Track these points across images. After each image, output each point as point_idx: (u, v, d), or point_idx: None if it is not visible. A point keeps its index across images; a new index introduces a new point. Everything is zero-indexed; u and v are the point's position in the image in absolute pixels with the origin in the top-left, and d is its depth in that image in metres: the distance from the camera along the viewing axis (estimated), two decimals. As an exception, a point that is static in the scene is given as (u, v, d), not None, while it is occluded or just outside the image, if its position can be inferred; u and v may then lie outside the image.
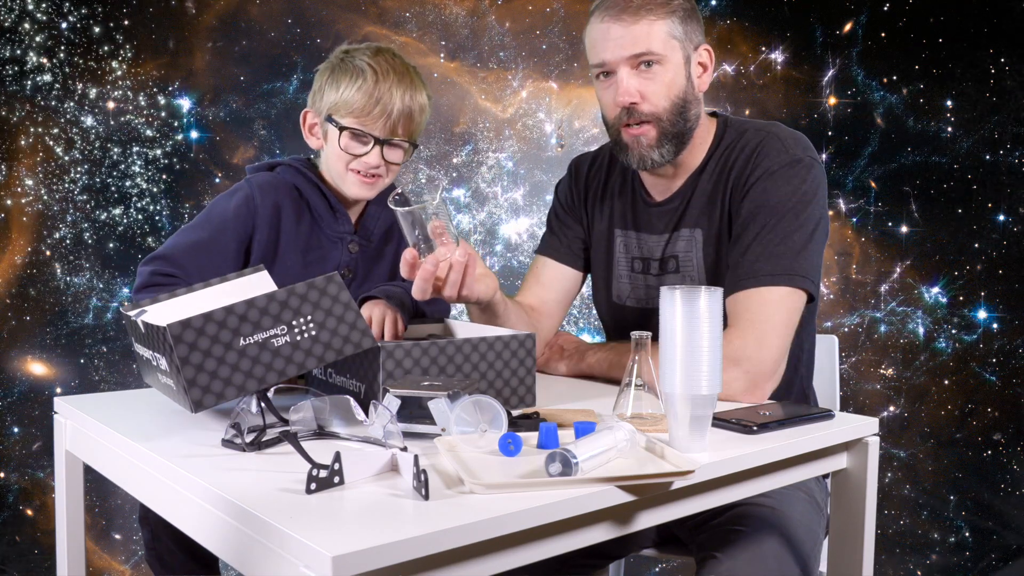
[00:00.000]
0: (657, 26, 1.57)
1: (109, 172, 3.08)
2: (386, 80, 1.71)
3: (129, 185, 3.09)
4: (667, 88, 1.60)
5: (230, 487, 0.99)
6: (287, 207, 1.79)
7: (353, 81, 1.71)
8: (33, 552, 3.05)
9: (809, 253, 1.53)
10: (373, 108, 1.71)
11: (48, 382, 3.06)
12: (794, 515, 1.48)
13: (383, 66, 1.72)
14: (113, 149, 3.07)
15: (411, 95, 1.74)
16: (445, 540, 0.86)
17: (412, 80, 1.75)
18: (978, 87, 3.17)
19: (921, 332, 3.25)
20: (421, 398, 1.18)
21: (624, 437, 1.10)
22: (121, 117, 3.06)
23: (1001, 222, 3.18)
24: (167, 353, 1.20)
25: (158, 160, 3.10)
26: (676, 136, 1.62)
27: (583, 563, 1.74)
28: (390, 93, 1.71)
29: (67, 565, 1.45)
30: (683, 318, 1.11)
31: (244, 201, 1.76)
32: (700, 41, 1.64)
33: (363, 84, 1.70)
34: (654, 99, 1.60)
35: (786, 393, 1.66)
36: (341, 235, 1.84)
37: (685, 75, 1.61)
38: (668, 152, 1.63)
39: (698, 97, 1.65)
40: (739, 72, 3.26)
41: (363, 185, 1.77)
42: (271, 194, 1.78)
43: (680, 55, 1.60)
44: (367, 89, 1.70)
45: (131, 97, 3.06)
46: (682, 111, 1.61)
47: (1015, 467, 3.20)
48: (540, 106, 3.31)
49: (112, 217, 3.08)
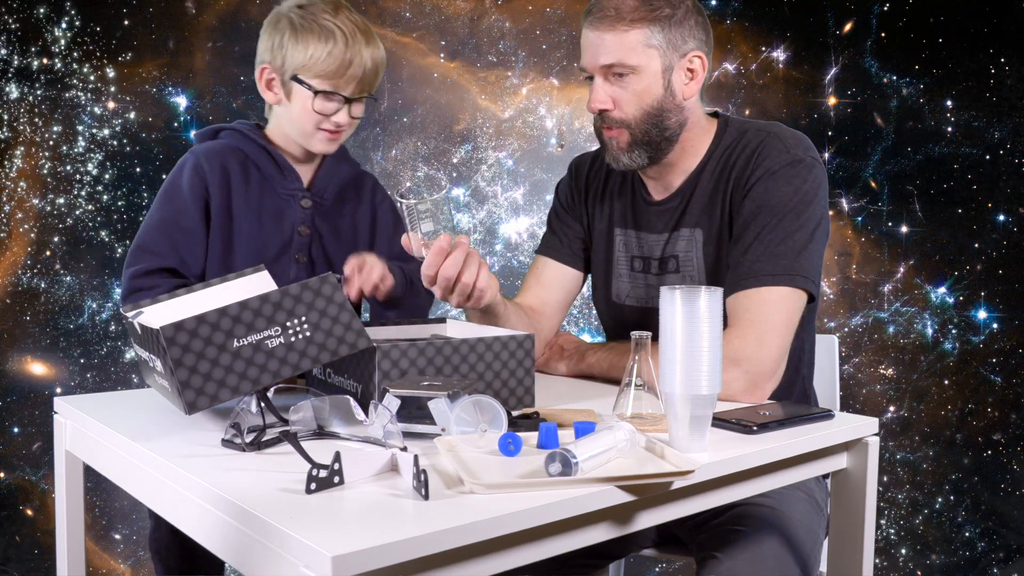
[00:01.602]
0: (632, 36, 1.57)
1: (108, 172, 3.07)
2: (355, 42, 1.73)
3: (130, 185, 3.09)
4: (638, 97, 1.60)
5: (230, 487, 0.99)
6: (235, 170, 1.81)
7: (323, 43, 1.71)
8: (33, 552, 3.05)
9: (809, 253, 1.53)
10: (346, 71, 1.73)
11: (48, 382, 3.06)
12: (794, 515, 1.48)
13: (349, 27, 1.74)
14: (112, 149, 3.07)
15: (375, 52, 1.77)
16: (445, 540, 0.86)
17: (373, 36, 1.78)
18: (978, 87, 3.17)
19: (921, 332, 3.25)
20: (421, 398, 1.18)
21: (624, 437, 1.09)
22: (121, 117, 3.06)
23: (1001, 222, 3.18)
24: (161, 355, 1.20)
25: (158, 160, 3.10)
26: (649, 143, 1.63)
27: (583, 563, 1.74)
28: (360, 55, 1.73)
29: (67, 565, 1.45)
30: (683, 318, 1.11)
31: (193, 171, 1.79)
32: (690, 48, 1.61)
33: (334, 47, 1.71)
34: (625, 107, 1.61)
35: (786, 393, 1.66)
36: (292, 192, 1.85)
37: (663, 84, 1.60)
38: (640, 157, 1.65)
39: (680, 105, 1.63)
40: (740, 72, 3.26)
41: (330, 141, 1.80)
42: (217, 159, 1.80)
43: (658, 64, 1.59)
44: (339, 52, 1.71)
45: (132, 98, 3.06)
46: (656, 120, 1.61)
47: (1015, 467, 3.20)
48: (540, 105, 3.31)
49: (112, 217, 3.08)
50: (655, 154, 1.65)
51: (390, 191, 2.02)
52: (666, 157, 1.67)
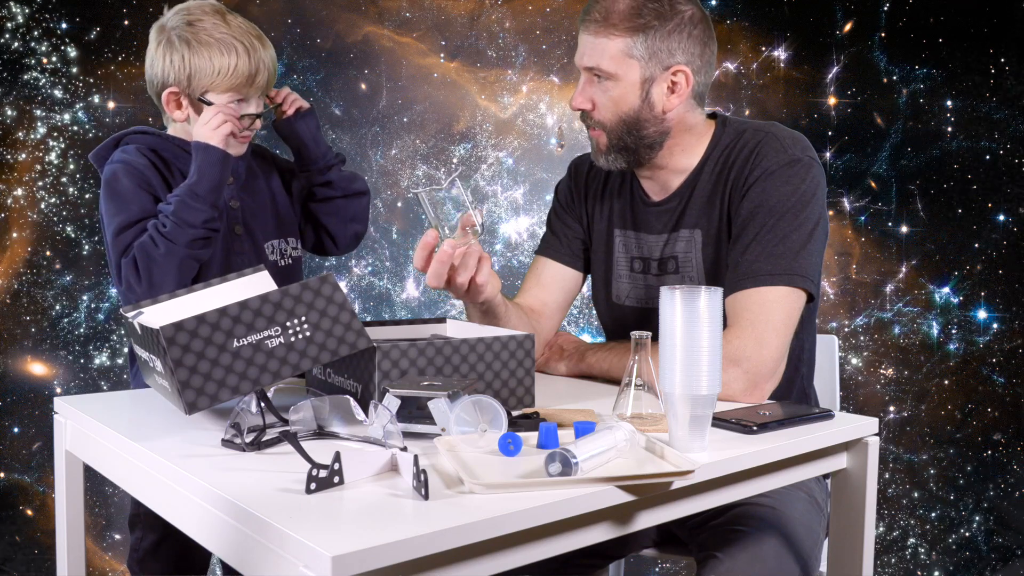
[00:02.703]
0: (614, 43, 1.57)
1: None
2: (255, 49, 1.76)
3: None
4: (615, 104, 1.61)
5: (230, 487, 0.99)
6: (159, 164, 1.79)
7: (226, 58, 1.73)
8: (33, 552, 3.05)
9: (808, 253, 1.53)
10: (253, 80, 1.76)
11: (48, 382, 3.06)
12: (794, 515, 1.48)
13: (246, 36, 1.76)
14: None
15: (270, 55, 1.80)
16: (445, 540, 0.86)
17: (264, 38, 1.80)
18: (978, 87, 3.17)
19: (921, 332, 3.25)
20: (421, 398, 1.18)
21: (624, 437, 1.10)
22: (121, 117, 3.06)
23: (1001, 222, 3.18)
24: (161, 355, 1.20)
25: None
26: (625, 149, 1.64)
27: (583, 563, 1.74)
28: (263, 61, 1.77)
29: (67, 565, 1.45)
30: (683, 318, 1.11)
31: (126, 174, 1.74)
32: (676, 62, 1.59)
33: (239, 60, 1.73)
34: (602, 110, 1.63)
35: (786, 393, 1.66)
36: None
37: (640, 95, 1.60)
38: (617, 160, 1.66)
39: (660, 116, 1.62)
40: (740, 71, 3.26)
41: (241, 145, 1.80)
42: (140, 159, 1.77)
43: (637, 75, 1.59)
44: (244, 64, 1.74)
45: (133, 98, 3.06)
46: (632, 128, 1.62)
47: (1015, 467, 3.20)
48: (540, 105, 3.31)
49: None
50: (633, 159, 1.66)
51: (390, 191, 2.03)
52: (651, 161, 1.67)
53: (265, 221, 1.90)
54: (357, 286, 3.25)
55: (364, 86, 3.22)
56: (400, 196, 3.23)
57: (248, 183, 1.90)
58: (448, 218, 1.45)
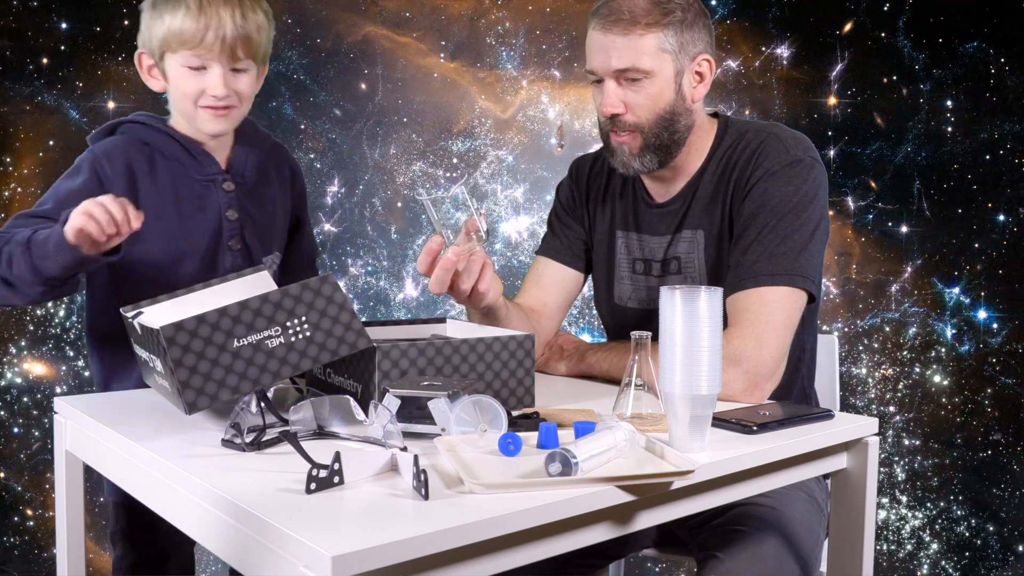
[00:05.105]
0: (647, 40, 1.56)
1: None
2: (211, 4, 1.60)
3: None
4: (652, 101, 1.59)
5: (230, 487, 0.99)
6: (141, 166, 1.68)
7: (175, 10, 1.60)
8: (33, 552, 3.05)
9: (809, 253, 1.53)
10: (204, 35, 1.58)
11: (48, 382, 3.06)
12: (794, 515, 1.48)
13: None
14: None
15: (242, 14, 1.62)
16: (445, 540, 0.86)
17: (245, 3, 1.64)
18: (978, 87, 3.17)
19: (921, 332, 3.25)
20: (421, 398, 1.18)
21: (624, 437, 1.10)
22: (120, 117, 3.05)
23: (1001, 222, 3.18)
24: (161, 355, 1.19)
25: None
26: (660, 147, 1.63)
27: (583, 563, 1.74)
28: (218, 16, 1.60)
29: (67, 565, 1.45)
30: (683, 318, 1.11)
31: (91, 175, 1.64)
32: (700, 51, 1.61)
33: (187, 12, 1.59)
34: (638, 112, 1.60)
35: (787, 393, 1.66)
36: (211, 177, 1.72)
37: (674, 88, 1.60)
38: (651, 162, 1.64)
39: (689, 108, 1.63)
40: (741, 71, 3.26)
41: (217, 119, 1.66)
42: (120, 157, 1.67)
43: (671, 68, 1.59)
44: (192, 16, 1.59)
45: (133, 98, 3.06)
46: (668, 123, 1.61)
47: (1015, 467, 3.20)
48: (540, 106, 3.31)
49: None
50: (665, 158, 1.65)
51: (390, 190, 2.01)
52: (674, 160, 1.67)
53: (264, 236, 1.78)
54: (354, 286, 3.25)
55: (364, 86, 3.21)
56: (399, 195, 3.23)
57: (256, 191, 1.78)
58: (452, 223, 1.44)
